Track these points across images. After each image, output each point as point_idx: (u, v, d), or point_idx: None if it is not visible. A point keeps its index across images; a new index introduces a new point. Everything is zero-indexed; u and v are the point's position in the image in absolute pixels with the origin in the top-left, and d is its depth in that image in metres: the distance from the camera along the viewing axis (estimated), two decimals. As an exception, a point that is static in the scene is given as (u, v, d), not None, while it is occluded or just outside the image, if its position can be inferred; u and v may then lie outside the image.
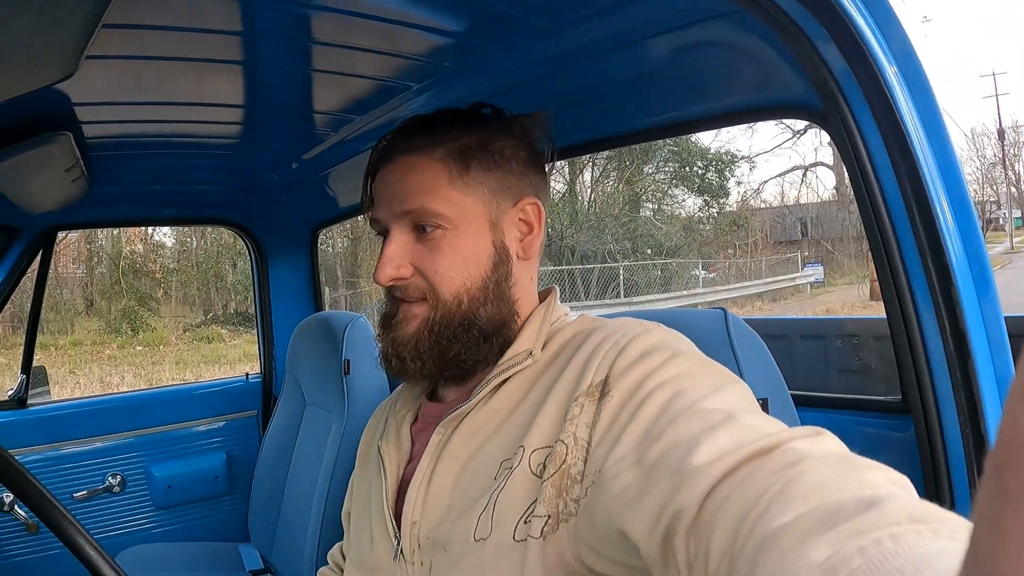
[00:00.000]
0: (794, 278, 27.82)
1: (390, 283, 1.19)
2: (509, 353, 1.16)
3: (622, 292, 23.61)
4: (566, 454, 0.98)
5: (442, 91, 1.81)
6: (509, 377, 1.14)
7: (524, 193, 1.22)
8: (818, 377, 3.80)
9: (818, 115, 1.35)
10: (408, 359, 1.18)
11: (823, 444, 0.75)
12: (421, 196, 1.16)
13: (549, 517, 0.97)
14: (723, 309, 1.36)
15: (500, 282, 1.18)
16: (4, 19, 0.80)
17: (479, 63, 1.65)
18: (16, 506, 2.84)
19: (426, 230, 1.17)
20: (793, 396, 1.36)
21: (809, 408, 1.54)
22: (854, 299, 23.31)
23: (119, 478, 3.10)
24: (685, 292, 24.04)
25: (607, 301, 22.51)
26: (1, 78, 1.04)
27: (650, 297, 23.08)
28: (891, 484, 0.65)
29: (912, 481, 0.67)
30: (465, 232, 1.17)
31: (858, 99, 1.13)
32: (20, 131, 1.70)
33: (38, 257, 2.95)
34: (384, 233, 1.22)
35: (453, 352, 1.16)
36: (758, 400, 0.97)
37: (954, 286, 1.12)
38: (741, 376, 0.98)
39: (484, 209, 1.18)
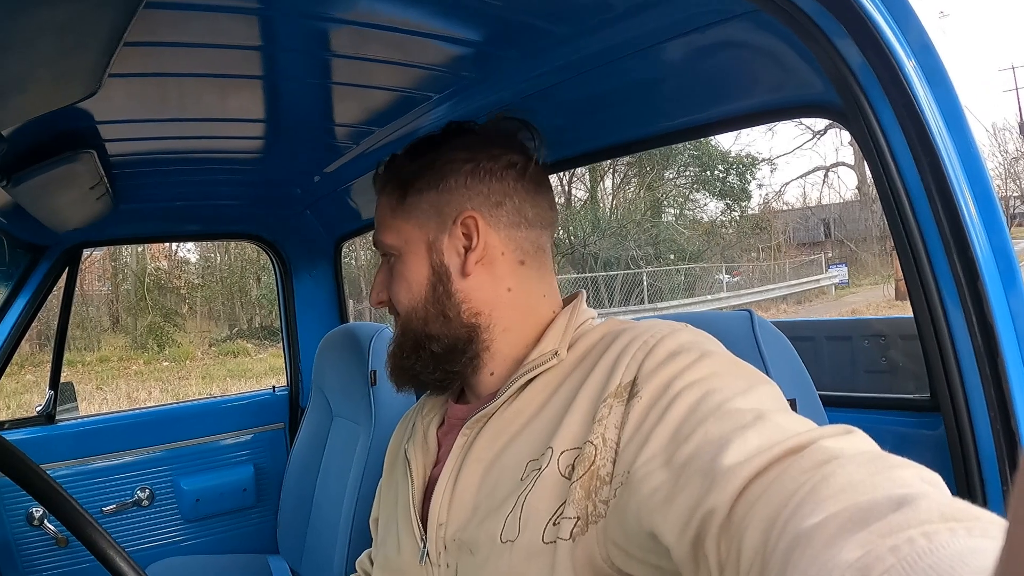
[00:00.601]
0: (818, 280, 27.66)
1: (376, 306, 1.31)
2: (534, 353, 1.17)
3: (646, 298, 23.56)
4: (595, 455, 0.97)
5: (462, 101, 1.81)
6: (534, 377, 1.15)
7: (463, 209, 1.21)
8: (845, 378, 3.77)
9: (838, 112, 1.34)
10: (389, 369, 1.31)
11: (854, 442, 0.75)
12: (376, 230, 1.29)
13: (578, 519, 0.97)
14: (749, 310, 1.36)
15: (440, 302, 1.22)
16: (28, 40, 0.81)
17: (498, 72, 1.65)
18: (46, 520, 2.87)
19: (388, 259, 1.28)
20: (821, 396, 1.35)
21: (838, 408, 1.53)
22: (879, 299, 23.13)
23: (148, 492, 3.13)
24: (709, 296, 23.96)
25: (631, 307, 22.47)
26: (26, 98, 1.06)
27: (674, 302, 23.01)
28: (923, 482, 0.64)
29: (943, 479, 0.66)
30: (407, 258, 1.24)
31: (878, 94, 1.12)
32: (45, 150, 1.71)
33: (64, 275, 2.98)
34: None
35: (409, 364, 1.26)
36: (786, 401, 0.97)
37: (980, 280, 1.11)
38: (768, 377, 0.98)
39: (421, 232, 1.23)
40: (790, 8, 1.08)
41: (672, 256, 27.24)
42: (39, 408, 3.05)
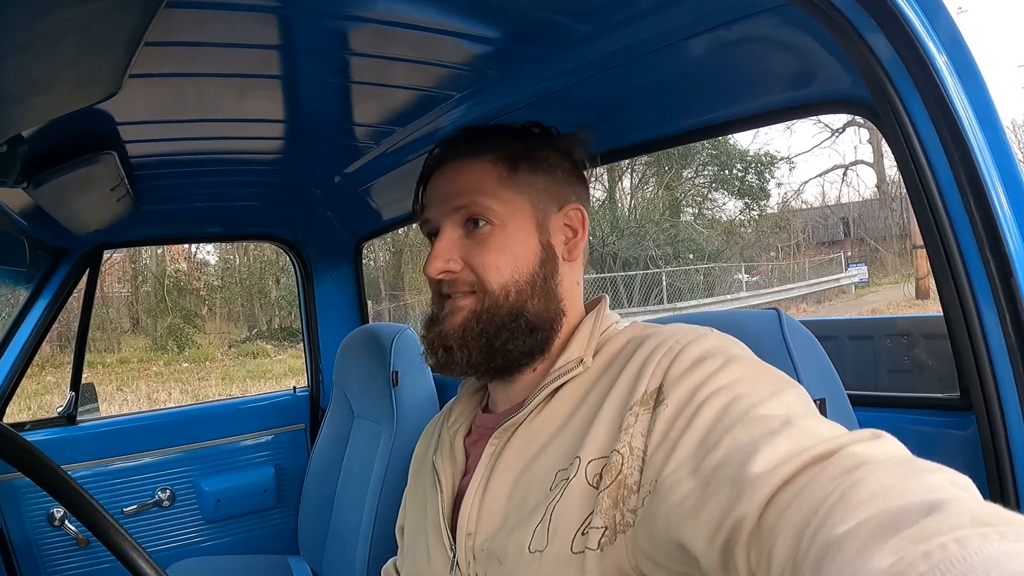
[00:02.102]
0: (838, 279, 27.54)
1: (440, 276, 1.21)
2: (560, 361, 1.17)
3: (665, 298, 23.55)
4: (622, 464, 0.97)
5: (484, 100, 1.81)
6: (561, 386, 1.15)
7: (569, 200, 1.26)
8: (868, 378, 3.75)
9: (866, 108, 1.33)
10: (456, 348, 1.20)
11: (883, 447, 0.74)
12: (472, 192, 1.22)
13: (606, 528, 0.96)
14: (776, 309, 1.34)
15: (547, 279, 1.22)
16: (51, 40, 0.81)
17: (520, 70, 1.64)
18: (67, 520, 2.89)
19: (478, 224, 1.21)
20: (850, 396, 1.34)
21: (866, 408, 1.51)
22: (900, 298, 23.02)
23: (168, 492, 3.15)
24: (729, 296, 23.93)
25: (650, 307, 22.47)
26: (47, 98, 1.06)
27: (693, 302, 22.99)
28: (954, 486, 0.64)
29: (975, 479, 0.66)
30: (513, 229, 1.21)
31: (908, 89, 1.11)
32: (66, 151, 1.72)
33: (85, 276, 2.99)
34: (434, 233, 1.26)
35: (500, 341, 1.19)
36: (815, 401, 0.96)
37: (1014, 277, 1.09)
38: (797, 377, 0.97)
39: (532, 209, 1.22)
40: (820, 2, 1.07)
41: (691, 256, 27.23)
42: (60, 409, 3.08)
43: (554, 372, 1.16)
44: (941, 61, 1.09)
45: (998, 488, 1.17)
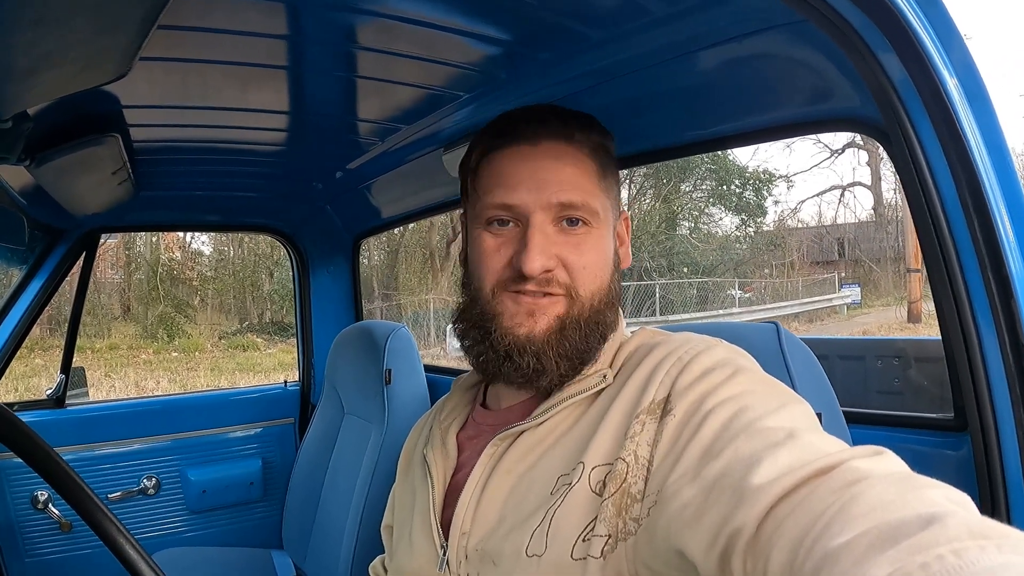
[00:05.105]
0: (831, 299, 27.57)
1: (544, 274, 1.11)
2: (583, 372, 1.13)
3: (658, 310, 23.55)
4: (627, 473, 0.97)
5: (491, 102, 1.81)
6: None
7: (620, 205, 1.23)
8: (857, 397, 3.75)
9: (873, 127, 1.34)
10: (553, 357, 1.11)
11: (884, 463, 0.74)
12: (580, 190, 1.12)
13: (609, 536, 0.96)
14: (775, 323, 1.35)
15: (618, 284, 1.19)
16: (64, 16, 0.81)
17: (528, 74, 1.64)
18: (51, 504, 2.88)
19: (574, 224, 1.13)
20: (845, 413, 1.34)
21: (861, 425, 1.51)
22: (892, 321, 23.03)
23: (154, 480, 3.14)
24: (721, 311, 23.95)
25: (642, 319, 22.46)
26: (57, 76, 1.05)
27: (685, 316, 23.00)
28: (952, 502, 0.64)
29: None
30: (602, 234, 1.15)
31: (918, 110, 1.11)
32: (70, 131, 1.71)
33: (81, 259, 2.98)
34: (512, 220, 1.15)
35: (588, 352, 1.13)
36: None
37: (1015, 299, 1.10)
38: (793, 391, 0.97)
39: (610, 214, 1.18)
40: (836, 19, 1.07)
41: (685, 269, 27.24)
42: (49, 391, 3.06)
43: (577, 385, 1.12)
44: (952, 84, 1.10)
45: (990, 508, 1.17)
